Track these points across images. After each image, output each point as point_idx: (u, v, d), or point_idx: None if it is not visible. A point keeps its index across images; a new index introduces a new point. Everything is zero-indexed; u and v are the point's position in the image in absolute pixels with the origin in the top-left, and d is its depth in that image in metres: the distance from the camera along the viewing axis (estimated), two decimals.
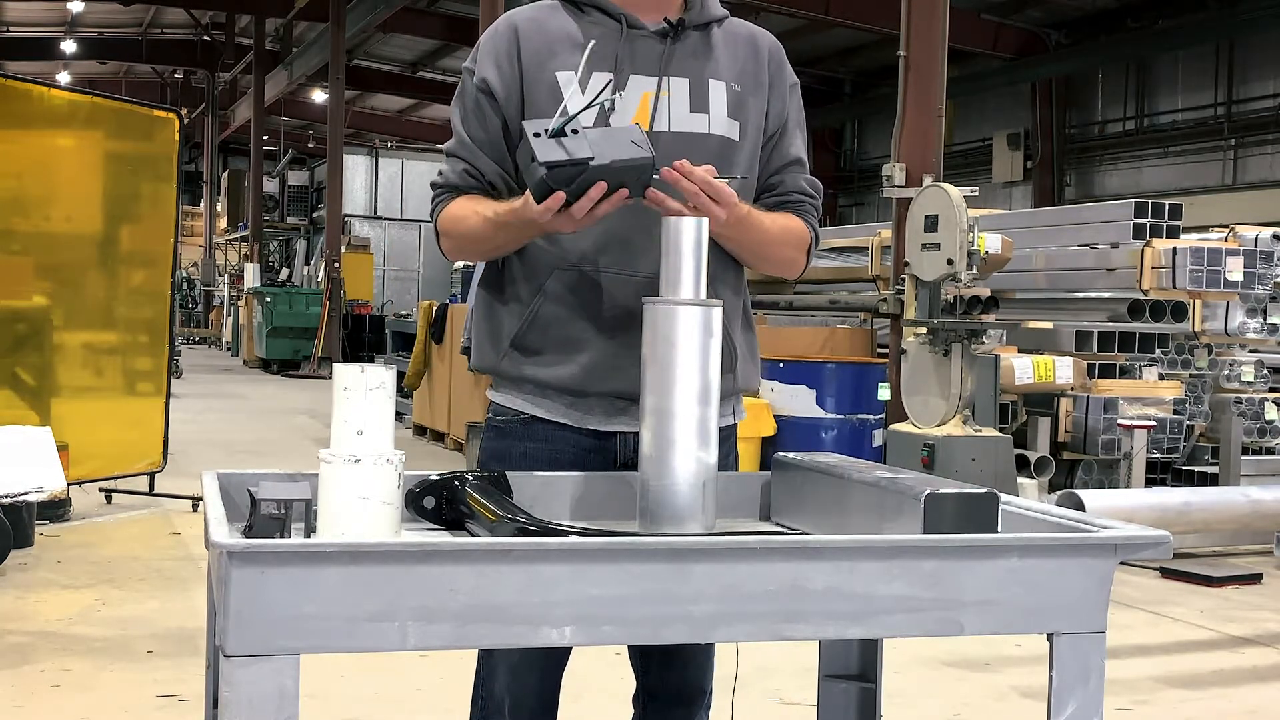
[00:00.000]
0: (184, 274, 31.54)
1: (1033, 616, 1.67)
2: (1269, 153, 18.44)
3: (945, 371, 7.12)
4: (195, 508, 7.61)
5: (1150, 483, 7.97)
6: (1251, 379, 8.76)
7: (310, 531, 1.69)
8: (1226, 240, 8.82)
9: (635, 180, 1.93)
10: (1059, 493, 6.59)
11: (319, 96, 30.60)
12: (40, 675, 4.48)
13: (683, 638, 1.60)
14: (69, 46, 29.70)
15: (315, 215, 28.70)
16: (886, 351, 8.77)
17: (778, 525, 2.15)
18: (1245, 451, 8.22)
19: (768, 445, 7.97)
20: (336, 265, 21.54)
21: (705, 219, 1.92)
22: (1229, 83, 19.08)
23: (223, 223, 33.33)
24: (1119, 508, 6.22)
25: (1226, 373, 8.76)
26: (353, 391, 1.67)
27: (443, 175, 2.28)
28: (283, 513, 1.64)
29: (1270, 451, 8.73)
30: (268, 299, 21.93)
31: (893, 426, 7.59)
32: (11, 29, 30.06)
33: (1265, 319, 8.74)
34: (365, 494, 1.65)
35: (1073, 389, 8.01)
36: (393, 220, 27.91)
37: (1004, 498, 1.82)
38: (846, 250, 10.71)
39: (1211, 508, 6.64)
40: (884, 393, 8.30)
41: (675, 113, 2.19)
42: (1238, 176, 18.93)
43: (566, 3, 2.26)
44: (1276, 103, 18.35)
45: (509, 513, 1.85)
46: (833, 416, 8.33)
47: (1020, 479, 7.39)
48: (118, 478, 7.78)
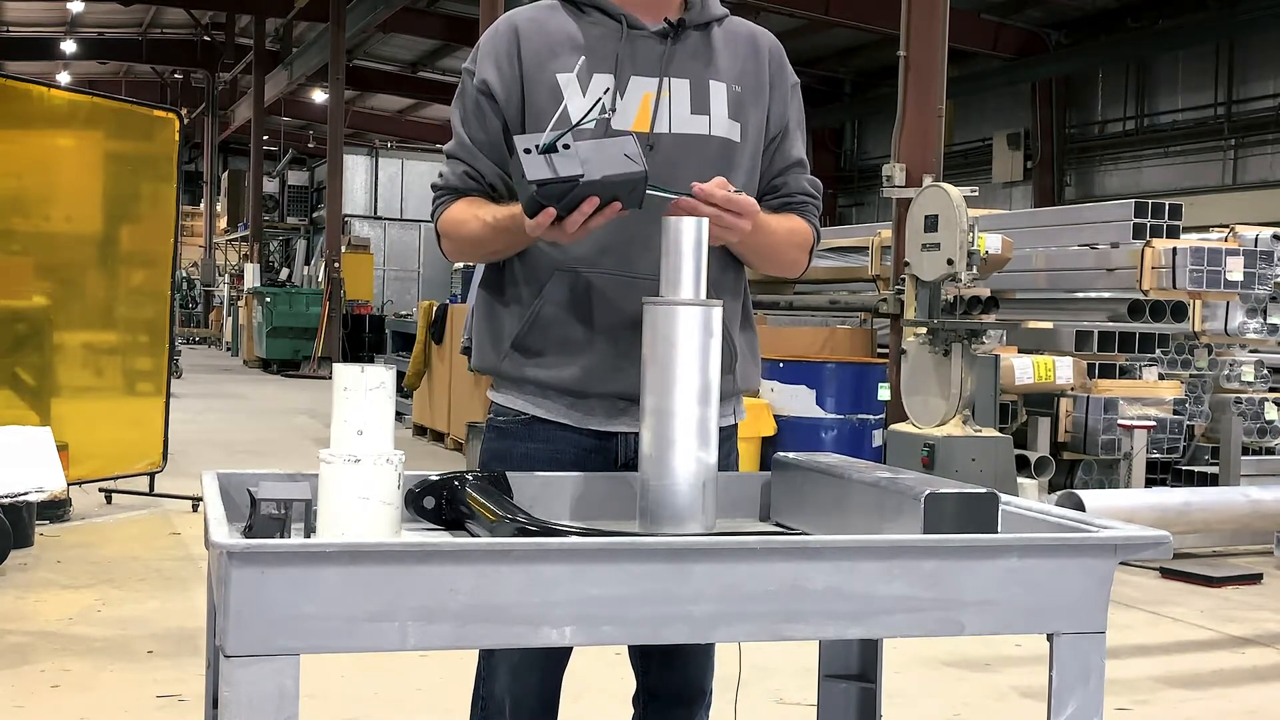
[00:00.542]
0: (184, 274, 31.55)
1: (1033, 616, 1.67)
2: (1269, 153, 18.44)
3: (945, 371, 7.12)
4: (195, 508, 7.61)
5: (1150, 483, 7.97)
6: (1251, 379, 8.76)
7: (310, 531, 1.69)
8: (1226, 240, 8.82)
9: (628, 194, 1.91)
10: (1059, 493, 6.59)
11: (319, 96, 30.60)
12: (40, 675, 4.48)
13: (683, 638, 1.60)
14: (69, 46, 29.71)
15: (315, 215, 28.71)
16: (886, 351, 8.77)
17: (778, 525, 2.15)
18: (1245, 451, 8.22)
19: (768, 445, 7.97)
20: (336, 265, 21.54)
21: (705, 219, 1.92)
22: (1229, 83, 19.08)
23: (223, 223, 33.34)
24: (1119, 508, 6.22)
25: (1226, 373, 8.76)
26: (353, 391, 1.67)
27: (443, 177, 2.27)
28: (283, 513, 1.64)
29: (1270, 451, 8.72)
30: (268, 299, 21.93)
31: (893, 426, 7.59)
32: (11, 29, 30.06)
33: (1265, 319, 8.74)
34: (365, 494, 1.65)
35: (1073, 389, 8.01)
36: (393, 220, 27.92)
37: (1004, 498, 1.81)
38: (846, 250, 10.71)
39: (1211, 508, 6.64)
40: (884, 393, 8.30)
41: (676, 114, 2.19)
42: (1238, 176, 18.93)
43: (566, 3, 2.25)
44: (1276, 103, 18.35)
45: (509, 513, 1.85)
46: (833, 416, 8.33)
47: (1020, 479, 7.39)
48: (118, 478, 7.79)
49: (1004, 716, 4.50)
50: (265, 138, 29.44)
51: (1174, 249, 8.33)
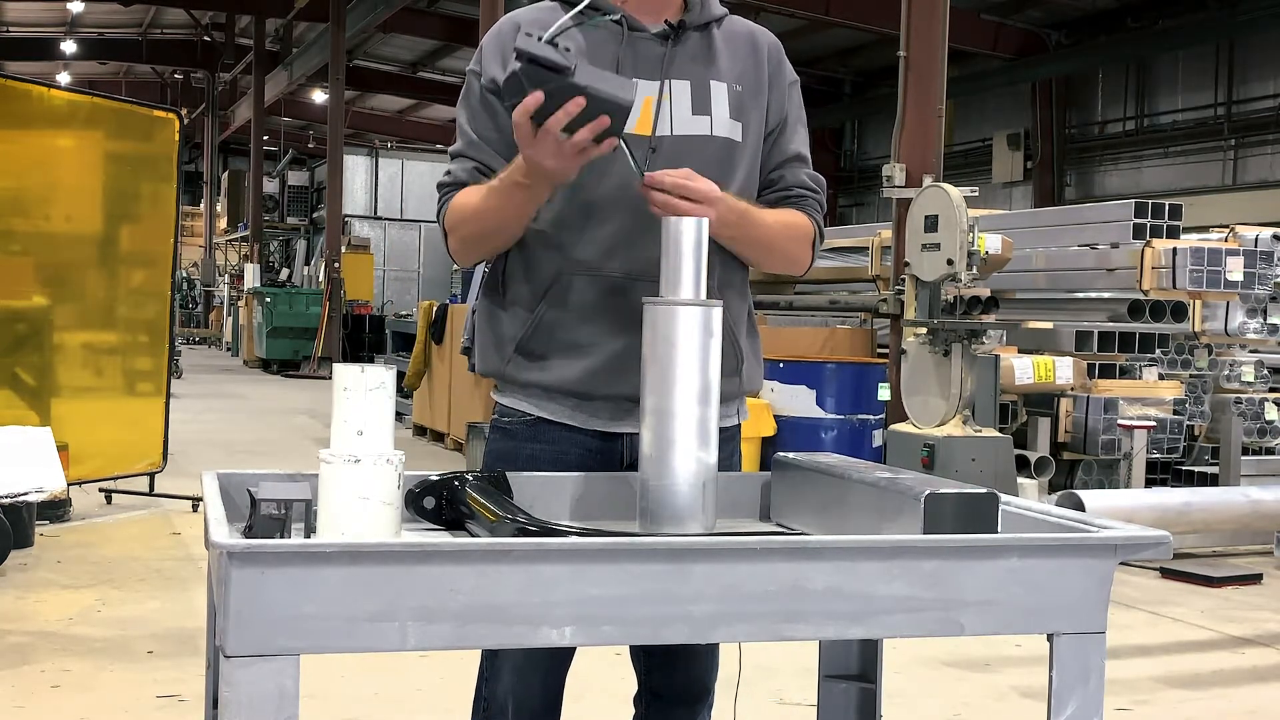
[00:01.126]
0: (184, 274, 31.55)
1: (1033, 616, 1.67)
2: (1269, 153, 18.45)
3: (945, 371, 7.12)
4: (195, 508, 7.61)
5: (1150, 483, 7.97)
6: (1251, 379, 8.76)
7: (310, 532, 1.69)
8: (1226, 240, 8.82)
9: (615, 115, 1.86)
10: (1059, 493, 6.59)
11: (319, 96, 30.61)
12: (40, 675, 4.48)
13: (683, 638, 1.60)
14: (69, 47, 29.71)
15: (315, 215, 28.72)
16: (886, 351, 8.77)
17: (778, 525, 2.15)
18: (1245, 451, 8.22)
19: (768, 445, 7.97)
20: (336, 265, 21.54)
21: (705, 219, 1.92)
22: (1229, 83, 19.08)
23: (223, 223, 33.34)
24: (1119, 508, 6.22)
25: (1226, 373, 8.76)
26: (353, 391, 1.67)
27: (451, 174, 2.25)
28: (283, 513, 1.63)
29: (1270, 451, 8.72)
30: (268, 299, 21.94)
31: (893, 426, 7.59)
32: (11, 29, 30.07)
33: (1265, 319, 8.74)
34: (365, 494, 1.65)
35: (1073, 389, 8.01)
36: (393, 220, 27.93)
37: (1004, 498, 1.81)
38: (846, 250, 10.71)
39: (1211, 508, 6.64)
40: (884, 393, 8.30)
41: (678, 115, 2.19)
42: (1238, 176, 18.94)
43: (567, 5, 2.25)
44: (1276, 103, 18.35)
45: (509, 513, 1.85)
46: (833, 416, 8.33)
47: (1020, 479, 7.40)
48: (118, 478, 7.78)
49: (1004, 716, 4.50)
50: (265, 138, 29.44)
51: (1174, 249, 8.33)
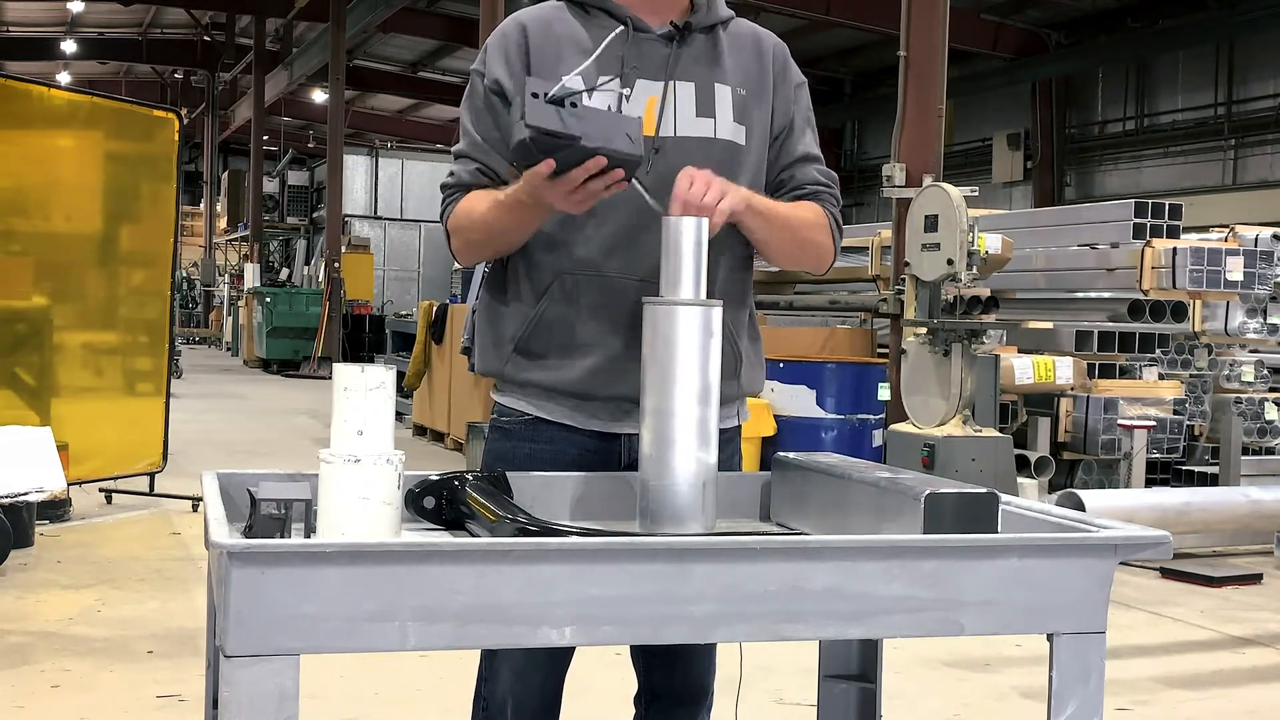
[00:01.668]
0: (184, 274, 31.56)
1: (1033, 616, 1.67)
2: (1269, 153, 18.45)
3: (945, 371, 7.12)
4: (195, 508, 7.61)
5: (1150, 483, 7.97)
6: (1251, 379, 8.76)
7: (310, 531, 1.69)
8: (1226, 240, 8.82)
9: (628, 166, 1.88)
10: (1059, 492, 6.59)
11: (319, 96, 30.61)
12: (40, 675, 4.48)
13: (683, 638, 1.60)
14: (69, 46, 29.71)
15: (315, 215, 28.72)
16: (886, 351, 8.77)
17: (778, 525, 2.15)
18: (1245, 451, 8.22)
19: (768, 445, 7.97)
20: (336, 265, 21.54)
21: (705, 219, 1.91)
22: (1229, 83, 19.08)
23: (223, 223, 33.34)
24: (1119, 508, 6.22)
25: (1226, 373, 8.76)
26: (353, 391, 1.67)
27: (454, 175, 2.24)
28: (283, 513, 1.64)
29: (1270, 451, 8.72)
30: (268, 299, 21.94)
31: (893, 426, 7.59)
32: (11, 29, 30.07)
33: (1265, 319, 8.74)
34: (365, 494, 1.65)
35: (1073, 389, 8.01)
36: (393, 220, 27.93)
37: (1004, 498, 1.81)
38: (846, 250, 10.70)
39: (1211, 508, 6.64)
40: (884, 393, 8.30)
41: (681, 117, 2.18)
42: (1238, 176, 18.94)
43: (573, 5, 2.25)
44: (1276, 103, 18.35)
45: (509, 513, 1.85)
46: (833, 416, 8.33)
47: (1020, 479, 7.39)
48: (118, 478, 7.78)
49: (1004, 716, 4.50)
50: (265, 138, 29.45)
51: (1174, 249, 8.33)
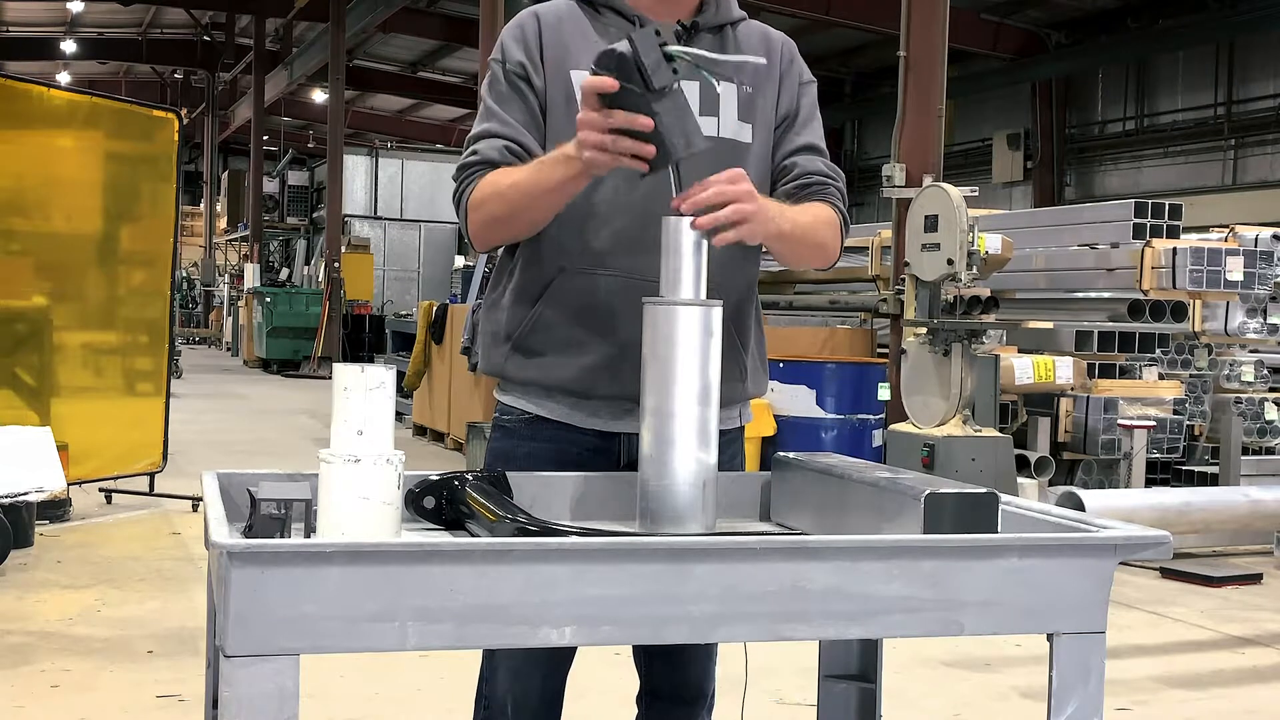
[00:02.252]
0: (184, 274, 31.57)
1: (1033, 617, 1.67)
2: (1269, 153, 18.45)
3: (945, 371, 7.12)
4: (195, 508, 7.61)
5: (1150, 483, 7.97)
6: (1251, 379, 8.76)
7: (310, 531, 1.69)
8: (1226, 240, 8.82)
9: (661, 156, 1.86)
10: (1059, 490, 6.58)
11: (319, 96, 30.61)
12: (40, 675, 4.48)
13: (683, 638, 1.60)
14: (69, 46, 29.72)
15: (315, 215, 28.72)
16: (886, 351, 8.77)
17: (778, 525, 2.15)
18: (1245, 451, 8.22)
19: (768, 445, 7.97)
20: (336, 265, 21.55)
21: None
22: (1229, 83, 19.08)
23: (223, 223, 33.34)
24: (1119, 508, 6.21)
25: (1226, 373, 8.76)
26: (353, 391, 1.67)
27: (478, 154, 2.17)
28: (283, 513, 1.63)
29: (1270, 451, 8.72)
30: (268, 299, 21.94)
31: (893, 426, 7.59)
32: (11, 29, 30.08)
33: (1265, 319, 8.73)
34: (365, 494, 1.65)
35: (1073, 389, 8.01)
36: (393, 220, 27.92)
37: (1004, 498, 1.81)
38: (847, 250, 10.66)
39: (1211, 508, 6.63)
40: (884, 393, 8.30)
41: None
42: (1238, 176, 18.94)
43: (582, 4, 2.25)
44: (1276, 103, 18.35)
45: (509, 513, 1.85)
46: (833, 416, 8.33)
47: (1020, 479, 7.39)
48: (118, 478, 7.78)
49: (1004, 716, 4.50)
50: (265, 138, 29.45)
51: (1174, 249, 8.33)
